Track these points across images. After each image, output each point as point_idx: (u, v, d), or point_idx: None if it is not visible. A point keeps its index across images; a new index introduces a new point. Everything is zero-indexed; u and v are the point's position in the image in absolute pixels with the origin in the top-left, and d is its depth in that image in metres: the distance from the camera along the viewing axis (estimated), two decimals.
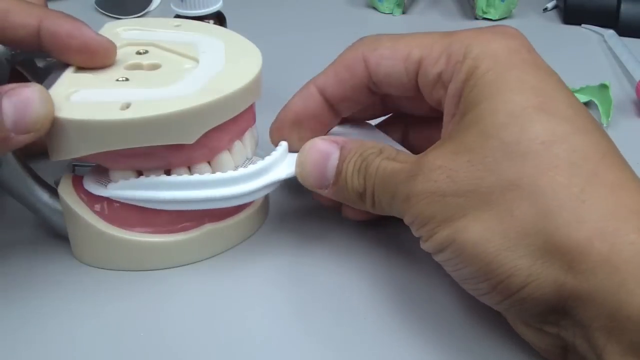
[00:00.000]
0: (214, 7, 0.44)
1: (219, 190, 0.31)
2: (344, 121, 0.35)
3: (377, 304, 0.31)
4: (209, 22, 0.44)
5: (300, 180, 0.32)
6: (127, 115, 0.28)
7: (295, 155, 0.32)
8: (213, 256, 0.34)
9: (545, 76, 0.28)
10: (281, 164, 0.33)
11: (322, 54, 0.56)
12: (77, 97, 0.30)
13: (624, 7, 0.60)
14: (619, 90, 0.50)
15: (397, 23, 0.63)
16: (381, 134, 0.36)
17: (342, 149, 0.31)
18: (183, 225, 0.33)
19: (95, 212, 0.32)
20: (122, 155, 0.30)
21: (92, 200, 0.32)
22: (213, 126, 0.30)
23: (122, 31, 0.36)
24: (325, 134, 0.34)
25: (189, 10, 0.43)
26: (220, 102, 0.30)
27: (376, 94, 0.33)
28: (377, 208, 0.30)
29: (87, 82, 0.31)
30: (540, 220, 0.24)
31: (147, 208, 0.32)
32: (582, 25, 0.62)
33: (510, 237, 0.25)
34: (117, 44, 0.33)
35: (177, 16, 0.44)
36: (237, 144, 0.33)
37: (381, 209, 0.30)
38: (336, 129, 0.35)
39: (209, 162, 0.32)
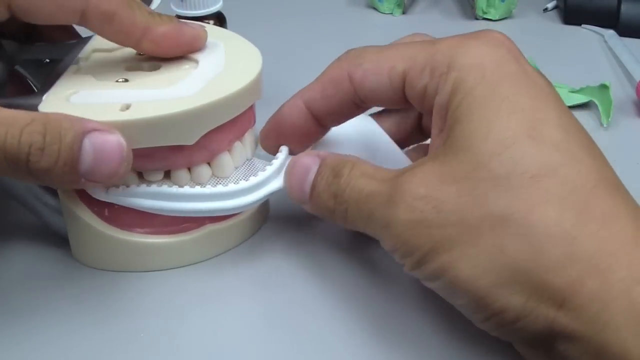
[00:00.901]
0: (214, 7, 0.44)
1: (220, 203, 0.31)
2: None
3: (379, 305, 0.31)
4: (208, 23, 0.44)
5: (287, 192, 0.32)
6: (127, 116, 0.28)
7: None
8: (214, 257, 0.34)
9: (535, 91, 0.26)
10: (282, 172, 0.32)
11: (322, 54, 0.56)
12: (77, 99, 0.30)
13: (624, 7, 0.60)
14: (619, 90, 0.50)
15: (397, 23, 0.63)
16: (378, 130, 0.34)
17: (320, 163, 0.30)
18: (184, 225, 0.32)
19: (96, 214, 0.32)
20: None
21: (92, 201, 0.31)
22: (213, 127, 0.30)
23: None
24: (312, 144, 0.34)
25: (189, 11, 0.43)
26: (220, 103, 0.30)
27: (362, 108, 0.32)
28: (350, 226, 0.29)
29: (87, 83, 0.31)
30: (532, 259, 0.24)
31: None
32: (582, 25, 0.62)
33: (502, 275, 0.24)
34: (116, 45, 0.33)
35: (177, 17, 0.44)
36: (237, 145, 0.33)
37: (355, 228, 0.29)
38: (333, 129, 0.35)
39: (208, 163, 0.32)
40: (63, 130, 0.26)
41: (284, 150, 0.33)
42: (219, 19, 0.44)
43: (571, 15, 0.62)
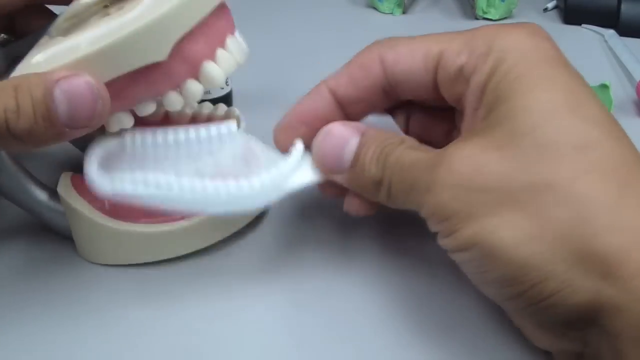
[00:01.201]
0: None
1: (235, 205, 0.29)
2: None
3: (379, 304, 0.31)
4: None
5: (315, 163, 0.31)
6: (93, 48, 0.28)
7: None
8: (216, 242, 0.34)
9: (572, 76, 0.27)
10: (301, 169, 0.31)
11: (322, 53, 0.56)
12: (40, 57, 0.29)
13: (624, 7, 0.60)
14: (619, 90, 0.50)
15: (397, 23, 0.63)
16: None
17: (362, 135, 0.30)
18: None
19: (97, 208, 0.32)
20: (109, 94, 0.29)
21: (92, 196, 0.31)
22: (180, 35, 0.29)
23: None
24: None
25: None
26: (177, 9, 0.29)
27: (390, 97, 0.31)
28: (392, 199, 0.28)
29: (54, 43, 0.30)
30: (577, 226, 0.23)
31: None
32: (583, 25, 0.62)
33: (546, 241, 0.24)
34: (84, 7, 0.32)
35: None
36: (221, 53, 0.31)
37: (396, 201, 0.28)
38: None
39: (198, 80, 0.30)
40: (32, 86, 0.26)
41: (299, 145, 0.31)
42: None
43: (571, 15, 0.62)
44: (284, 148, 0.32)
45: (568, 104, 0.26)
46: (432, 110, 0.33)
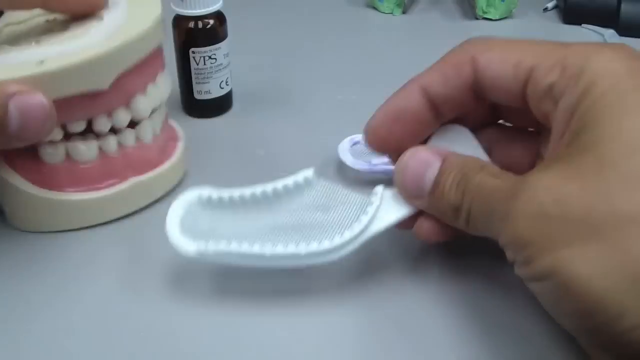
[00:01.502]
0: (214, 7, 0.44)
1: (317, 259, 0.30)
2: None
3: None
4: (209, 22, 0.44)
5: (396, 187, 0.31)
6: (43, 69, 0.31)
7: (391, 200, 0.31)
8: (140, 209, 0.37)
9: None
10: (380, 215, 0.31)
11: (322, 53, 0.56)
12: None
13: (624, 7, 0.60)
14: None
15: (397, 23, 0.63)
16: (475, 142, 0.32)
17: (443, 161, 0.30)
18: (110, 181, 0.36)
19: (25, 178, 0.34)
20: None
21: (20, 165, 0.33)
22: (124, 69, 0.33)
23: None
24: (423, 138, 0.33)
25: (189, 10, 0.43)
26: (126, 46, 0.33)
27: (479, 100, 0.31)
28: (471, 225, 0.28)
29: (2, 50, 0.33)
30: None
31: (75, 167, 0.34)
32: (582, 25, 0.61)
33: (624, 277, 0.23)
34: (26, 17, 0.37)
35: (177, 15, 0.44)
36: (151, 88, 0.36)
37: (475, 227, 0.28)
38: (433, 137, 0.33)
39: (126, 107, 0.34)
40: None
41: (379, 192, 0.31)
42: (219, 19, 0.44)
43: (571, 14, 0.62)
44: (377, 148, 0.32)
45: None
46: (516, 133, 0.33)
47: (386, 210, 0.31)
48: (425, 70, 0.31)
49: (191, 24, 0.44)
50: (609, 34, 0.59)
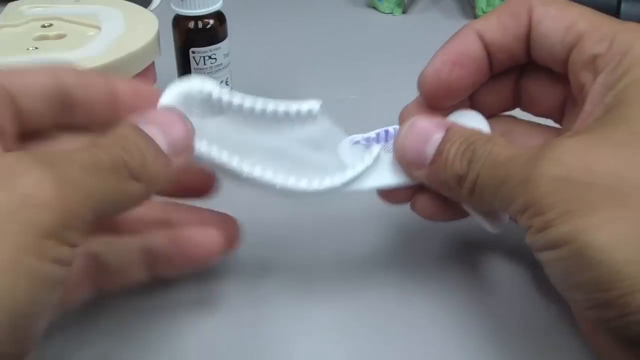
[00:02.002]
0: (214, 7, 0.43)
1: (300, 196, 0.29)
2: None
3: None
4: (209, 22, 0.44)
5: (396, 155, 0.30)
6: None
7: (387, 161, 0.30)
8: None
9: None
10: (372, 172, 0.30)
11: (322, 53, 0.56)
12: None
13: (624, 7, 0.60)
14: None
15: (397, 23, 0.63)
16: (488, 128, 0.32)
17: (447, 130, 0.29)
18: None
19: None
20: None
21: None
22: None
23: (26, 9, 0.39)
24: (481, 84, 0.32)
25: (189, 10, 0.43)
26: (125, 59, 0.34)
27: (528, 50, 0.30)
28: (476, 195, 0.27)
29: (0, 53, 0.34)
30: None
31: None
32: None
33: None
34: (22, 21, 0.37)
35: (177, 15, 0.44)
36: None
37: (480, 197, 0.27)
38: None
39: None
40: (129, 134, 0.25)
41: (375, 151, 0.30)
42: (219, 19, 0.44)
43: None
44: (434, 95, 0.31)
45: None
46: (532, 127, 0.33)
47: (376, 172, 0.30)
48: (481, 17, 0.31)
49: (191, 24, 0.44)
50: None
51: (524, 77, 0.32)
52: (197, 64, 0.44)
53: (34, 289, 0.21)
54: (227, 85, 0.46)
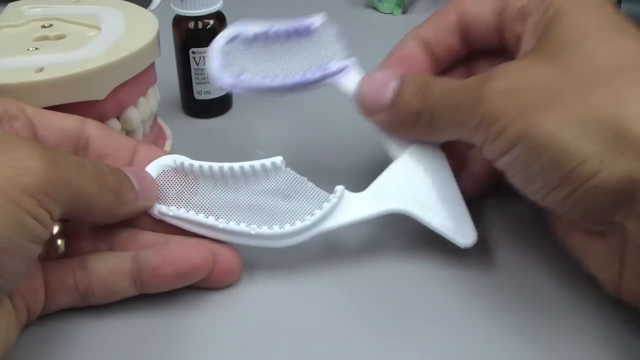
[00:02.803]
0: (214, 7, 0.44)
1: (264, 242, 0.31)
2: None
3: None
4: (209, 22, 0.44)
5: (357, 104, 0.33)
6: (41, 77, 0.31)
7: (348, 204, 0.32)
8: None
9: (617, 11, 0.30)
10: (336, 212, 0.32)
11: None
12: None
13: (624, 7, 0.60)
14: None
15: (397, 23, 0.63)
16: (447, 165, 0.33)
17: (402, 76, 0.32)
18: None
19: None
20: None
21: None
22: (120, 82, 0.34)
23: (26, 9, 0.39)
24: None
25: (189, 10, 0.43)
26: (125, 60, 0.34)
27: (465, 42, 0.34)
28: (433, 125, 0.31)
29: (0, 53, 0.34)
30: (614, 111, 0.25)
31: None
32: None
33: (585, 125, 0.26)
34: (22, 21, 0.37)
35: (177, 16, 0.44)
36: (142, 100, 0.36)
37: (437, 126, 0.31)
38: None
39: (117, 118, 0.35)
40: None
41: (339, 190, 0.32)
42: (219, 19, 0.44)
43: None
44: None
45: (610, 24, 0.28)
46: (493, 57, 0.35)
47: (343, 210, 0.32)
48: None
49: (191, 24, 0.44)
50: None
51: (473, 68, 0.36)
52: (197, 64, 0.44)
53: (10, 226, 0.23)
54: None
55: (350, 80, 0.34)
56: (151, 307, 0.31)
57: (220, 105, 0.47)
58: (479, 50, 0.35)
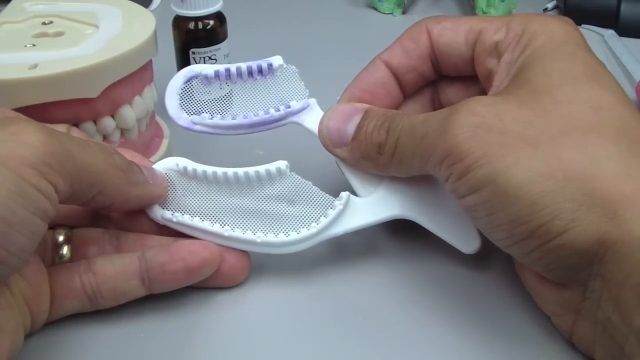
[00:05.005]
0: (214, 7, 0.44)
1: (271, 249, 0.31)
2: None
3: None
4: (209, 23, 0.44)
5: (320, 139, 0.33)
6: (35, 73, 0.32)
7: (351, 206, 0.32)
8: None
9: (592, 55, 0.29)
10: (341, 218, 0.32)
11: (322, 53, 0.56)
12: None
13: (624, 7, 0.60)
14: None
15: (397, 23, 0.63)
16: None
17: (365, 111, 0.32)
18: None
19: None
20: (32, 112, 0.32)
21: None
22: (114, 80, 0.34)
23: (28, 6, 0.40)
24: (397, 105, 0.35)
25: (189, 11, 0.43)
26: (118, 59, 0.34)
27: (436, 68, 0.34)
28: (396, 158, 0.30)
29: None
30: (588, 168, 0.25)
31: None
32: (582, 25, 0.62)
33: (557, 180, 0.24)
34: (24, 17, 0.37)
35: (177, 16, 0.44)
36: (137, 99, 0.36)
37: (400, 159, 0.30)
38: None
39: (112, 116, 0.35)
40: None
41: (344, 197, 0.32)
42: (219, 19, 0.44)
43: (571, 15, 0.61)
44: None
45: (586, 74, 0.28)
46: (462, 82, 0.35)
47: (348, 216, 0.32)
48: (386, 48, 0.34)
49: (191, 25, 0.44)
50: (609, 34, 0.59)
51: (440, 91, 0.35)
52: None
53: (11, 196, 0.23)
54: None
55: (312, 118, 0.34)
56: (158, 309, 0.31)
57: None
58: (449, 76, 0.34)
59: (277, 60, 0.35)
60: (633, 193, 0.24)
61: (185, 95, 0.35)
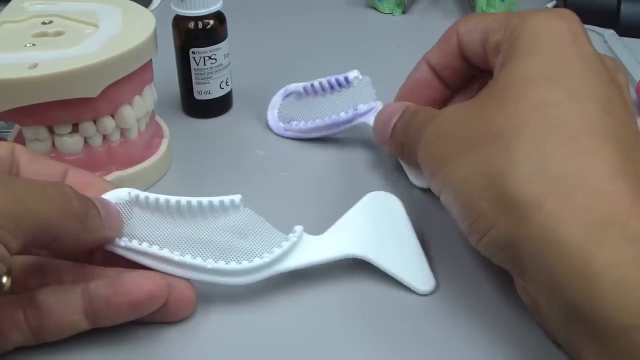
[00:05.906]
0: (214, 7, 0.44)
1: (222, 279, 0.30)
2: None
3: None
4: (209, 22, 0.44)
5: (373, 133, 0.38)
6: (35, 73, 0.32)
7: (307, 245, 0.31)
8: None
9: (575, 53, 0.29)
10: (294, 253, 0.31)
11: (322, 53, 0.56)
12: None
13: (624, 7, 0.60)
14: None
15: (397, 23, 0.63)
16: (402, 211, 0.34)
17: (403, 111, 0.35)
18: (94, 174, 0.34)
19: None
20: (32, 111, 0.33)
21: None
22: (113, 80, 0.34)
23: (28, 5, 0.40)
24: (443, 97, 0.38)
25: (189, 10, 0.43)
26: (118, 58, 0.34)
27: (468, 64, 0.36)
28: (408, 157, 0.34)
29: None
30: (505, 169, 0.26)
31: (60, 159, 0.34)
32: None
33: (483, 180, 0.27)
34: (23, 17, 0.37)
35: (177, 16, 0.44)
36: (137, 99, 0.37)
37: (410, 158, 0.34)
38: None
39: (112, 116, 0.35)
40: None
41: (298, 230, 0.31)
42: (219, 19, 0.44)
43: None
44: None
45: (544, 73, 0.28)
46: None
47: (300, 251, 0.31)
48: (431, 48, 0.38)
49: (191, 24, 0.44)
50: (609, 34, 0.59)
51: (485, 83, 0.36)
52: (197, 64, 0.44)
53: None
54: (227, 85, 0.46)
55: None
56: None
57: (220, 105, 0.47)
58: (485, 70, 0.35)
59: (352, 74, 0.41)
60: (542, 195, 0.25)
61: (281, 109, 0.43)
